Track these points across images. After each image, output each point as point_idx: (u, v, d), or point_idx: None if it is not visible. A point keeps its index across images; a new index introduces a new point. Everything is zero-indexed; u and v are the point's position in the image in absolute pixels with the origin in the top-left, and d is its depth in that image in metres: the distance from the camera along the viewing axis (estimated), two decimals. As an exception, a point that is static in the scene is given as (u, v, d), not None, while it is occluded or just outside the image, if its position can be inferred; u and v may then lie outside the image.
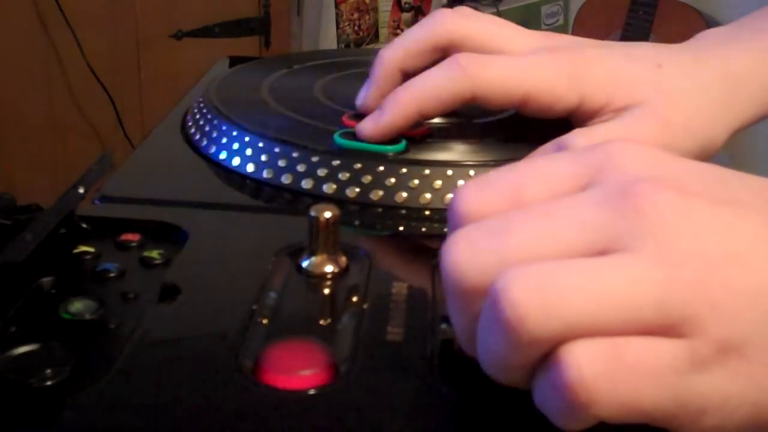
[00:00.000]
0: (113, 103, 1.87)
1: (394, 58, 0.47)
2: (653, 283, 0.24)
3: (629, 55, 0.46)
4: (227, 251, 0.39)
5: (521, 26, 0.49)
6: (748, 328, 0.25)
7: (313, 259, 0.36)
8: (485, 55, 0.45)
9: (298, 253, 0.37)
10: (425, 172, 0.44)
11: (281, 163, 0.45)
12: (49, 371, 0.29)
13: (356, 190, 0.43)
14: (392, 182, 0.43)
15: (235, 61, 0.67)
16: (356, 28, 2.33)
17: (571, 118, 0.46)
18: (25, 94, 1.81)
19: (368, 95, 0.48)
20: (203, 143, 0.49)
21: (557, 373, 0.25)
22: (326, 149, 0.45)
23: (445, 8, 0.49)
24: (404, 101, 0.44)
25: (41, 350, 0.30)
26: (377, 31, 2.38)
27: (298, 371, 0.29)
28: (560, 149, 0.33)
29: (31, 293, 0.34)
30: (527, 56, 0.45)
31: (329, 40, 2.29)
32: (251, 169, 0.46)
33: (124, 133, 1.89)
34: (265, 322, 0.33)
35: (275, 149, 0.46)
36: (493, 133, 0.50)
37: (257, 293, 0.34)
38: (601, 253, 0.26)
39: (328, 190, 0.44)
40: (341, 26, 2.30)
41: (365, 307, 0.34)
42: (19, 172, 1.81)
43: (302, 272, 0.36)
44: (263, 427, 0.27)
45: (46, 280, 0.35)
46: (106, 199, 0.43)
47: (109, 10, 1.85)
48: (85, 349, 0.31)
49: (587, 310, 0.24)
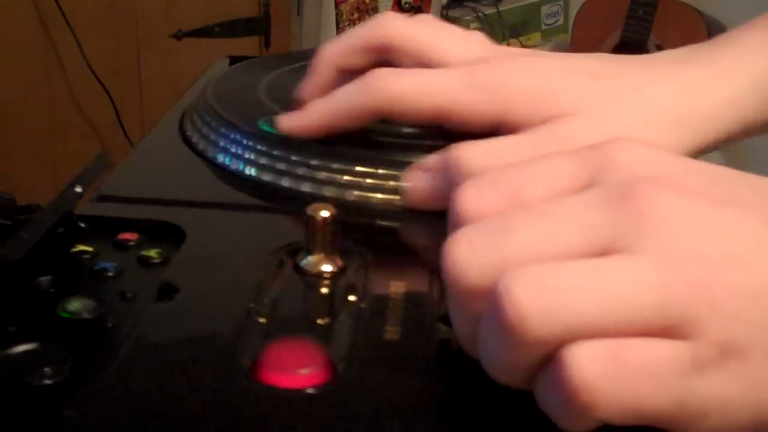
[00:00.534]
0: (113, 103, 1.87)
1: (330, 54, 0.48)
2: (654, 283, 0.24)
3: (566, 65, 0.44)
4: (225, 250, 0.39)
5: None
6: (748, 329, 0.25)
7: (310, 258, 0.36)
8: (401, 69, 0.44)
9: (295, 252, 0.37)
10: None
11: (278, 162, 0.45)
12: (47, 370, 0.29)
13: (354, 192, 0.43)
14: (392, 185, 0.43)
15: (235, 61, 0.67)
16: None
17: (497, 132, 0.43)
18: (25, 94, 1.81)
19: (304, 88, 0.48)
20: (201, 143, 0.49)
21: (559, 374, 0.25)
22: (324, 150, 0.45)
23: (391, 12, 0.49)
24: (319, 112, 0.45)
25: (39, 349, 0.30)
26: (377, 31, 2.38)
27: (295, 370, 0.29)
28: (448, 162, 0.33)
29: (29, 292, 0.34)
30: (444, 70, 0.43)
31: (329, 40, 2.29)
32: (248, 168, 0.46)
33: (124, 133, 1.89)
34: (262, 321, 0.33)
35: (272, 149, 0.46)
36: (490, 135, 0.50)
37: (255, 292, 0.34)
38: (602, 253, 0.26)
39: (325, 191, 0.44)
40: (341, 26, 2.30)
41: (363, 306, 0.34)
42: (19, 172, 1.81)
43: (300, 271, 0.36)
44: (261, 426, 0.27)
45: (44, 279, 0.35)
46: (104, 198, 0.43)
47: (109, 10, 1.85)
48: (83, 348, 0.31)
49: (589, 311, 0.24)
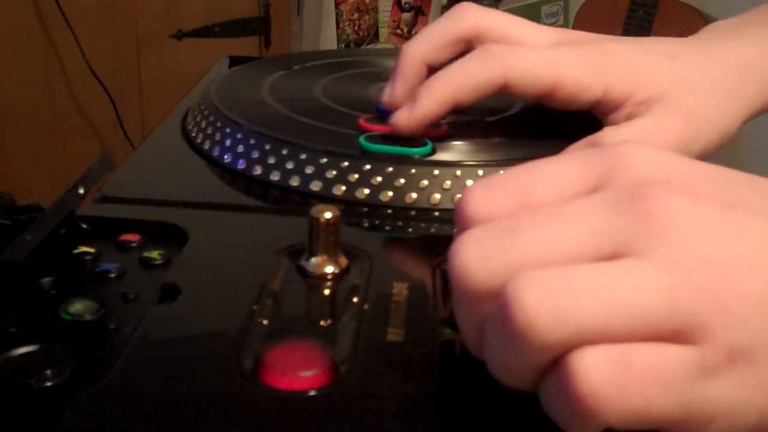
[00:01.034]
0: (113, 103, 1.87)
1: (419, 51, 0.48)
2: (664, 289, 0.24)
3: (644, 48, 0.47)
4: (228, 252, 0.39)
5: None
6: (756, 333, 0.25)
7: (313, 259, 0.36)
8: (514, 45, 0.46)
9: (298, 253, 0.37)
10: (435, 172, 0.44)
11: (282, 163, 0.45)
12: (49, 372, 0.29)
13: (363, 191, 0.43)
14: (401, 183, 0.43)
15: (235, 61, 0.67)
16: (356, 28, 2.33)
17: (592, 110, 0.46)
18: (25, 94, 1.81)
19: (395, 89, 0.48)
20: (204, 143, 0.49)
21: (566, 380, 0.24)
22: (327, 149, 0.45)
23: (464, 3, 0.49)
24: (439, 90, 0.45)
25: (41, 351, 0.30)
26: (377, 31, 2.38)
27: (298, 372, 0.29)
28: (593, 146, 0.33)
29: (31, 294, 0.34)
30: (553, 48, 0.46)
31: (329, 40, 2.29)
32: (252, 169, 0.46)
33: (124, 133, 1.89)
34: (265, 322, 0.33)
35: (276, 149, 0.46)
36: (499, 133, 0.50)
37: (258, 294, 0.34)
38: (610, 257, 0.25)
39: (333, 190, 0.44)
40: (341, 26, 2.30)
41: (366, 307, 0.34)
42: (19, 172, 1.81)
43: (303, 273, 0.36)
44: (263, 427, 0.27)
45: (46, 280, 0.35)
46: (106, 199, 0.43)
47: (109, 10, 1.85)
48: (85, 349, 0.31)
49: (597, 315, 0.24)
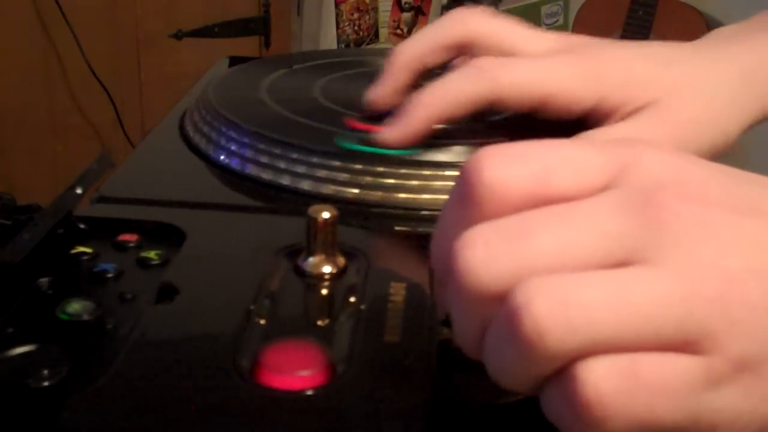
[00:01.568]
0: (113, 103, 1.87)
1: (411, 52, 0.48)
2: (675, 299, 0.24)
3: (641, 53, 0.47)
4: (225, 252, 0.39)
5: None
6: (763, 344, 0.25)
7: (310, 259, 0.36)
8: (504, 57, 0.45)
9: (296, 253, 0.37)
10: (425, 172, 0.44)
11: (279, 163, 0.45)
12: (46, 372, 0.29)
13: (354, 191, 0.43)
14: (391, 183, 0.43)
15: (235, 61, 0.67)
16: (356, 28, 2.33)
17: (587, 119, 0.46)
18: (25, 94, 1.81)
19: (384, 87, 0.48)
20: (201, 144, 0.49)
21: (572, 388, 0.24)
22: (326, 149, 0.45)
23: (461, 7, 0.49)
24: (427, 106, 0.45)
25: (38, 351, 0.30)
26: (377, 31, 2.38)
27: (295, 372, 0.29)
28: None
29: (28, 294, 0.34)
30: (546, 58, 0.45)
31: (329, 40, 2.29)
32: (249, 169, 0.46)
33: (124, 133, 1.89)
34: (262, 322, 0.33)
35: (273, 149, 0.46)
36: (496, 133, 0.50)
37: (255, 294, 0.34)
38: (621, 263, 0.25)
39: (325, 190, 0.44)
40: (341, 26, 2.30)
41: (363, 307, 0.34)
42: (19, 172, 1.81)
43: (300, 273, 0.36)
44: (260, 427, 0.27)
45: (43, 280, 0.35)
46: (103, 199, 0.43)
47: (109, 10, 1.85)
48: (82, 349, 0.31)
49: (609, 326, 0.24)
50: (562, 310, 0.24)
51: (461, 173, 0.27)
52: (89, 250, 0.38)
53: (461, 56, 0.48)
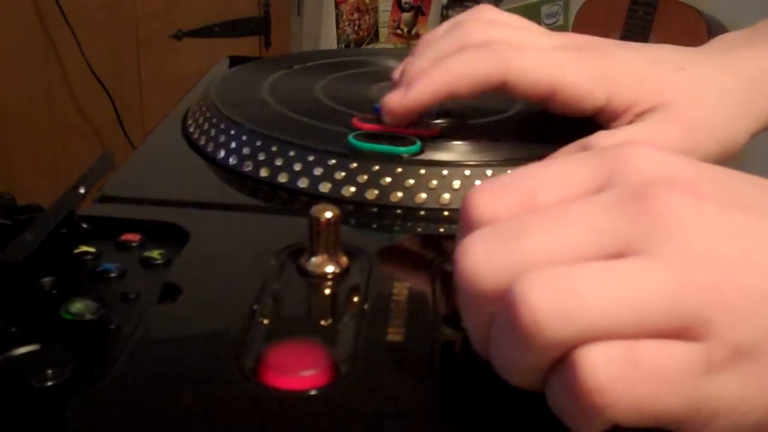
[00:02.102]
0: (113, 103, 1.87)
1: (422, 70, 0.46)
2: (669, 287, 0.24)
3: (652, 57, 0.47)
4: (228, 251, 0.39)
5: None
6: (761, 332, 0.25)
7: (313, 259, 0.36)
8: (518, 44, 0.45)
9: (298, 253, 0.37)
10: (421, 171, 0.44)
11: (282, 163, 0.45)
12: (49, 372, 0.29)
13: (352, 189, 0.43)
14: (388, 182, 0.43)
15: (235, 61, 0.67)
16: (356, 28, 2.33)
17: (596, 117, 0.46)
18: (25, 94, 1.81)
19: (407, 101, 0.45)
20: (203, 143, 0.49)
21: (572, 376, 0.24)
22: (328, 149, 0.45)
23: (469, 13, 0.48)
24: (436, 78, 0.44)
25: (42, 351, 0.30)
26: (377, 31, 2.38)
27: (298, 372, 0.29)
28: (585, 149, 0.33)
29: (31, 293, 0.34)
30: (558, 51, 0.45)
31: (329, 40, 2.29)
32: (252, 169, 0.46)
33: (124, 133, 1.89)
34: (265, 322, 0.33)
35: (276, 149, 0.46)
36: (500, 133, 0.50)
37: (258, 293, 0.34)
38: (615, 256, 0.26)
39: (323, 188, 0.44)
40: (341, 26, 2.30)
41: (366, 307, 0.34)
42: (19, 172, 1.81)
43: (303, 272, 0.36)
44: (264, 427, 0.27)
45: (46, 280, 0.35)
46: (106, 199, 0.43)
47: (109, 10, 1.85)
48: (85, 349, 0.31)
49: (603, 313, 0.24)
50: (556, 299, 0.24)
51: (461, 209, 0.29)
52: (92, 249, 0.38)
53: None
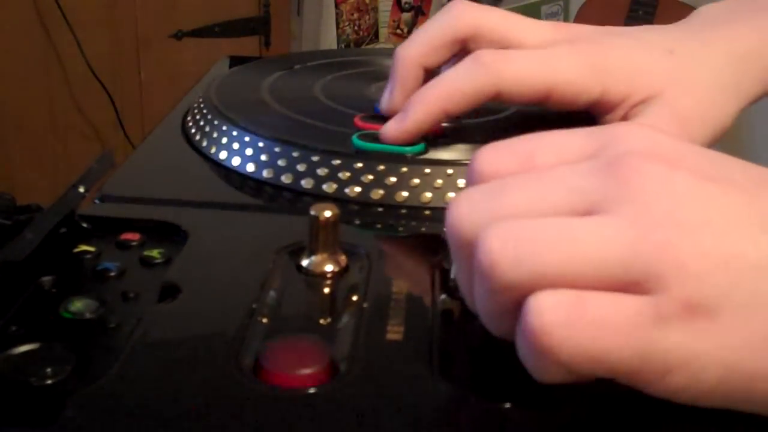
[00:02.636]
0: (113, 103, 1.87)
1: (414, 54, 0.47)
2: (622, 242, 0.26)
3: (643, 41, 0.47)
4: (227, 250, 0.39)
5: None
6: (716, 291, 0.25)
7: (313, 258, 0.36)
8: (507, 50, 0.45)
9: (298, 252, 0.37)
10: (426, 171, 0.44)
11: (281, 162, 0.45)
12: (49, 370, 0.29)
13: (357, 189, 0.44)
14: (393, 181, 0.44)
15: (235, 61, 0.67)
16: (356, 28, 2.33)
17: (591, 110, 0.46)
18: (25, 94, 1.81)
19: (394, 96, 0.48)
20: (203, 143, 0.49)
21: (524, 319, 0.26)
22: (327, 149, 0.45)
23: (456, 1, 0.48)
24: (429, 101, 0.44)
25: (41, 349, 0.30)
26: (377, 31, 2.38)
27: (297, 370, 0.29)
28: None
29: (31, 292, 0.34)
30: (549, 49, 0.45)
31: (329, 40, 2.29)
32: (251, 168, 0.46)
33: (124, 133, 1.89)
34: (265, 321, 0.33)
35: (275, 149, 0.46)
36: (503, 131, 0.50)
37: (257, 292, 0.34)
38: (583, 215, 0.27)
39: (327, 189, 0.44)
40: (341, 26, 2.30)
41: (365, 306, 0.34)
42: (19, 172, 1.81)
43: (302, 271, 0.36)
44: (263, 425, 0.27)
45: (46, 279, 0.35)
46: (106, 198, 0.43)
47: (109, 10, 1.85)
48: (85, 348, 0.31)
49: (555, 262, 0.26)
50: (511, 244, 0.26)
51: (469, 163, 0.31)
52: (92, 248, 0.38)
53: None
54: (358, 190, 0.43)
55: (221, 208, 0.44)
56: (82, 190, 0.38)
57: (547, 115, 0.47)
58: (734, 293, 0.25)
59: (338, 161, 0.44)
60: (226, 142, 0.48)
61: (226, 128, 0.49)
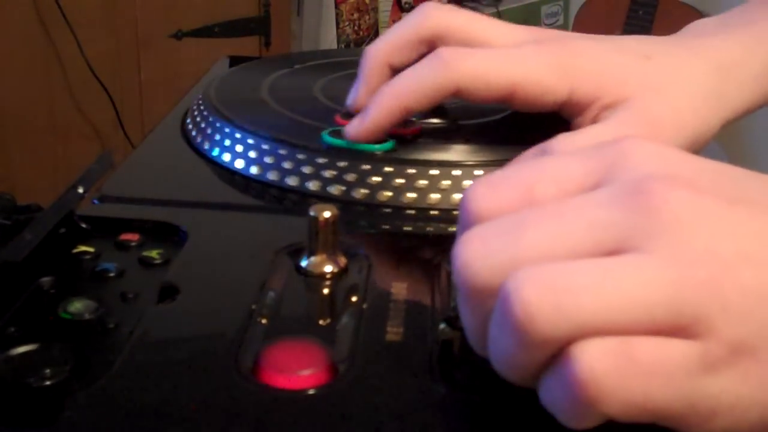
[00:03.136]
0: (113, 103, 1.87)
1: (380, 53, 0.47)
2: (665, 283, 0.24)
3: (617, 46, 0.46)
4: (226, 251, 0.39)
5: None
6: (759, 328, 0.25)
7: (312, 258, 0.36)
8: (470, 48, 0.44)
9: (297, 252, 0.37)
10: (431, 172, 0.44)
11: (281, 162, 0.45)
12: (48, 371, 0.29)
13: (361, 191, 0.43)
14: (398, 183, 0.44)
15: (235, 61, 0.67)
16: (356, 28, 2.33)
17: (560, 111, 0.45)
18: (25, 94, 1.81)
19: (358, 93, 0.48)
20: (202, 143, 0.49)
21: (567, 370, 0.24)
22: (327, 149, 0.45)
23: (430, 2, 0.48)
24: (387, 98, 0.44)
25: (40, 350, 0.30)
26: (377, 31, 2.38)
27: (297, 371, 0.29)
28: (544, 154, 0.32)
29: (30, 293, 0.34)
30: (514, 48, 0.44)
31: (329, 40, 2.29)
32: (251, 168, 0.46)
33: (124, 133, 1.89)
34: (264, 322, 0.33)
35: (275, 149, 0.46)
36: (485, 133, 0.50)
37: (257, 293, 0.34)
38: (613, 251, 0.25)
39: (328, 189, 0.44)
40: (341, 26, 2.30)
41: (364, 307, 0.34)
42: (19, 172, 1.81)
43: (302, 272, 0.36)
44: (262, 427, 0.27)
45: (45, 279, 0.35)
46: (105, 198, 0.43)
47: (109, 10, 1.85)
48: (84, 349, 0.31)
49: (598, 310, 0.24)
50: (549, 294, 0.24)
51: (460, 203, 0.29)
52: (91, 249, 0.38)
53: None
54: (363, 191, 0.43)
55: (221, 208, 0.44)
56: (81, 190, 0.38)
57: (532, 116, 0.47)
58: None
59: (344, 163, 0.44)
60: (225, 142, 0.48)
61: (225, 128, 0.48)
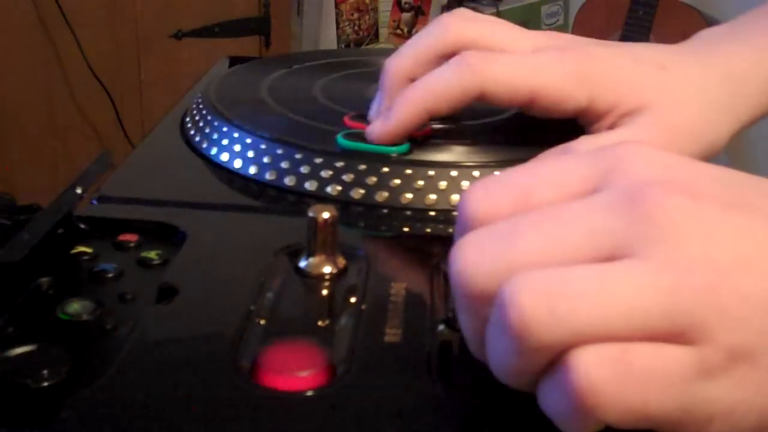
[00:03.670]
0: (113, 103, 1.87)
1: (402, 67, 0.47)
2: (662, 290, 0.24)
3: (634, 55, 0.46)
4: (225, 252, 0.39)
5: (522, 27, 0.49)
6: (756, 335, 0.25)
7: (311, 259, 0.36)
8: (493, 52, 0.45)
9: (296, 253, 0.37)
10: (430, 173, 0.44)
11: (280, 163, 0.45)
12: (46, 372, 0.29)
13: (360, 191, 0.43)
14: (396, 183, 0.43)
15: (235, 61, 0.67)
16: (356, 28, 2.33)
17: (578, 118, 0.46)
18: (25, 94, 1.81)
19: (381, 108, 0.48)
20: (202, 143, 0.49)
21: (565, 376, 0.24)
22: (326, 150, 0.45)
23: (448, 13, 0.48)
24: (412, 101, 0.44)
25: (38, 351, 0.30)
26: (377, 31, 2.38)
27: (295, 372, 0.29)
28: (566, 154, 0.32)
29: (28, 294, 0.34)
30: (536, 54, 0.45)
31: (329, 40, 2.29)
32: (250, 169, 0.46)
33: (124, 133, 1.89)
34: (263, 322, 0.33)
35: (274, 150, 0.46)
36: (495, 134, 0.50)
37: (255, 294, 0.34)
38: (609, 257, 0.25)
39: (327, 190, 0.44)
40: (341, 26, 2.30)
41: (363, 307, 0.34)
42: (19, 172, 1.81)
43: (300, 273, 0.36)
44: (260, 428, 0.27)
45: (43, 280, 0.35)
46: (104, 199, 0.43)
47: (109, 10, 1.85)
48: (82, 349, 0.31)
49: (594, 316, 0.24)
50: (545, 300, 0.24)
51: (458, 207, 0.29)
52: (89, 250, 0.38)
53: None
54: (339, 188, 0.43)
55: (219, 209, 0.43)
56: (79, 190, 0.38)
57: (539, 118, 0.47)
58: None
59: (342, 163, 0.44)
60: (224, 142, 0.48)
61: (224, 128, 0.48)
